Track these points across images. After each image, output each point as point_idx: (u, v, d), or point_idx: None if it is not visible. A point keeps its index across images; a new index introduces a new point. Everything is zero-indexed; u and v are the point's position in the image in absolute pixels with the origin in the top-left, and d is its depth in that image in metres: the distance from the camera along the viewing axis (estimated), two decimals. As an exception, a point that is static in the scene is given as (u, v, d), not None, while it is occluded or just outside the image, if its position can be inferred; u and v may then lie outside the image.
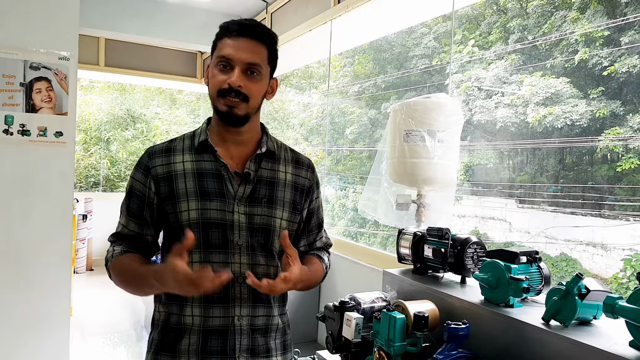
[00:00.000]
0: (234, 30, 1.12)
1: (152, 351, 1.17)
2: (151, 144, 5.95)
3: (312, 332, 3.38)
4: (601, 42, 10.34)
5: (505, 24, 12.62)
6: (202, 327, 1.11)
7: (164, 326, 1.15)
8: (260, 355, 1.16)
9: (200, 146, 1.17)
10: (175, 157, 1.16)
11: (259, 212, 1.16)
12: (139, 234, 1.17)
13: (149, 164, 1.16)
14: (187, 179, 1.13)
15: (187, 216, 1.11)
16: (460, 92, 11.72)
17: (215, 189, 1.13)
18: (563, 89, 10.71)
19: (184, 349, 1.11)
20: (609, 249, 9.46)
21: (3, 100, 2.48)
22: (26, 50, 2.52)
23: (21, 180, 2.55)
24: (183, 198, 1.12)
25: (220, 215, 1.12)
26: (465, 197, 12.31)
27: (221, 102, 1.12)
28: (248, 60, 1.11)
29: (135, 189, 1.17)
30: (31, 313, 2.59)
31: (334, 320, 1.77)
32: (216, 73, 1.12)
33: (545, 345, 1.21)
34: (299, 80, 15.69)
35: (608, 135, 9.93)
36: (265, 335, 1.18)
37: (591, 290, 1.19)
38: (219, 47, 1.13)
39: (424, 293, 1.67)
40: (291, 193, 1.22)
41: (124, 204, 1.19)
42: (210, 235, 1.11)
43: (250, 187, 1.16)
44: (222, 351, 1.11)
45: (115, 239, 1.18)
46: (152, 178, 1.15)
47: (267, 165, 1.20)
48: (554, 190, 11.39)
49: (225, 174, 1.15)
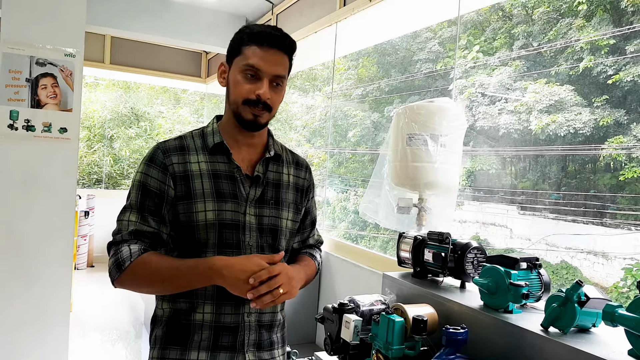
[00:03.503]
0: (265, 40, 1.12)
1: (158, 347, 1.17)
2: (154, 142, 5.97)
3: (310, 333, 3.38)
4: (606, 51, 10.33)
5: (510, 30, 12.62)
6: (214, 323, 1.14)
7: (169, 322, 1.16)
8: (265, 348, 1.20)
9: (214, 147, 1.18)
10: (190, 156, 1.16)
11: (267, 213, 1.19)
12: (158, 231, 1.14)
13: (166, 161, 1.15)
14: (203, 180, 1.14)
15: (204, 217, 1.12)
16: (463, 98, 11.72)
17: (229, 191, 1.15)
18: (567, 96, 10.70)
19: (195, 344, 1.13)
20: (609, 258, 9.43)
21: (9, 96, 2.49)
22: (33, 46, 2.53)
23: (25, 175, 2.56)
24: (200, 198, 1.13)
25: (234, 216, 1.15)
26: (466, 202, 12.30)
27: (247, 111, 1.14)
28: (276, 73, 1.14)
29: (151, 186, 1.14)
30: (31, 308, 2.60)
31: (333, 322, 1.77)
32: (241, 80, 1.13)
33: (544, 352, 1.21)
34: (302, 82, 15.71)
35: (611, 144, 9.91)
36: (270, 330, 1.22)
37: (591, 297, 1.19)
38: (246, 54, 1.13)
39: (423, 297, 1.68)
40: (294, 194, 1.27)
41: (135, 200, 1.14)
42: (225, 235, 1.14)
43: (260, 190, 1.20)
44: (232, 346, 1.14)
45: (130, 237, 1.12)
46: (171, 176, 1.14)
47: (273, 167, 1.24)
48: (555, 198, 11.37)
49: (238, 176, 1.17)
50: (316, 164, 14.83)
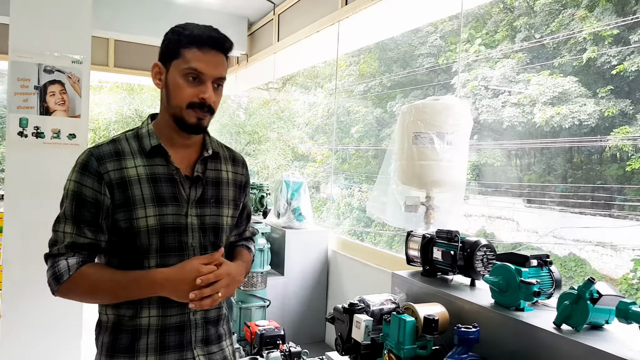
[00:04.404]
0: (206, 43, 1.11)
1: (105, 354, 1.16)
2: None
3: (319, 332, 3.40)
4: (610, 41, 10.26)
5: (512, 23, 12.55)
6: (160, 326, 1.14)
7: (114, 329, 1.15)
8: (213, 342, 1.22)
9: (152, 150, 1.15)
10: (126, 161, 1.13)
11: (208, 212, 1.19)
12: (96, 241, 1.12)
13: (100, 169, 1.10)
14: (142, 185, 1.12)
15: (145, 223, 1.10)
16: (466, 92, 11.68)
17: (170, 194, 1.14)
18: (571, 87, 10.64)
19: (142, 348, 1.13)
20: (618, 250, 9.40)
21: (18, 103, 2.51)
22: (40, 54, 2.55)
23: (35, 181, 2.58)
24: (140, 205, 1.11)
25: (176, 219, 1.14)
26: (472, 196, 12.28)
27: (191, 115, 1.12)
28: (219, 75, 1.13)
29: (86, 195, 1.10)
30: (44, 312, 2.63)
31: (343, 322, 1.78)
32: (184, 84, 1.11)
33: (557, 350, 1.22)
34: (304, 79, 15.70)
35: (617, 135, 9.85)
36: (217, 325, 1.24)
37: (603, 294, 1.20)
38: (187, 57, 1.11)
39: (433, 295, 1.68)
40: (233, 191, 1.26)
41: (70, 210, 1.11)
42: (167, 239, 1.13)
43: (200, 190, 1.18)
44: (179, 345, 1.16)
45: (67, 250, 1.10)
46: (106, 184, 1.10)
47: (212, 166, 1.23)
48: (562, 190, 11.33)
49: (177, 178, 1.15)
50: (319, 161, 14.82)
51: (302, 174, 5.94)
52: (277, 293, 3.21)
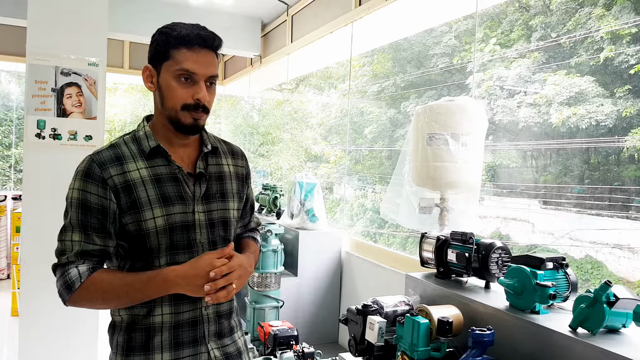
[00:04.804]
0: (195, 42, 1.11)
1: (120, 353, 1.17)
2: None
3: (332, 333, 3.40)
4: (628, 40, 10.07)
5: (528, 22, 12.39)
6: (173, 322, 1.15)
7: (129, 328, 1.16)
8: (226, 335, 1.23)
9: (151, 151, 1.16)
10: (128, 165, 1.13)
11: (215, 207, 1.20)
12: (105, 247, 1.13)
13: (104, 174, 1.11)
14: (147, 187, 1.12)
15: (154, 224, 1.11)
16: (481, 92, 11.57)
17: (175, 193, 1.15)
18: (588, 87, 10.47)
19: (157, 345, 1.15)
20: (636, 252, 9.21)
21: (35, 105, 2.57)
22: (57, 56, 2.60)
23: (52, 182, 2.63)
24: (147, 206, 1.11)
25: (183, 217, 1.15)
26: (487, 197, 12.15)
27: (187, 116, 1.13)
28: (211, 74, 1.13)
29: (92, 202, 1.10)
30: (61, 313, 2.67)
31: (357, 324, 1.78)
32: (177, 85, 1.12)
33: (572, 353, 1.20)
34: (317, 80, 15.70)
35: (635, 135, 9.66)
36: (229, 318, 1.25)
37: (620, 298, 1.18)
38: (177, 58, 1.11)
39: (447, 298, 1.67)
40: (236, 183, 1.28)
41: (76, 219, 1.11)
42: (176, 238, 1.14)
43: (204, 186, 1.19)
44: (193, 340, 1.16)
45: (77, 258, 1.10)
46: (111, 189, 1.10)
47: (213, 161, 1.24)
48: (578, 191, 11.15)
49: (180, 176, 1.16)
50: (333, 162, 14.82)
51: (315, 174, 5.94)
52: (290, 294, 3.22)
